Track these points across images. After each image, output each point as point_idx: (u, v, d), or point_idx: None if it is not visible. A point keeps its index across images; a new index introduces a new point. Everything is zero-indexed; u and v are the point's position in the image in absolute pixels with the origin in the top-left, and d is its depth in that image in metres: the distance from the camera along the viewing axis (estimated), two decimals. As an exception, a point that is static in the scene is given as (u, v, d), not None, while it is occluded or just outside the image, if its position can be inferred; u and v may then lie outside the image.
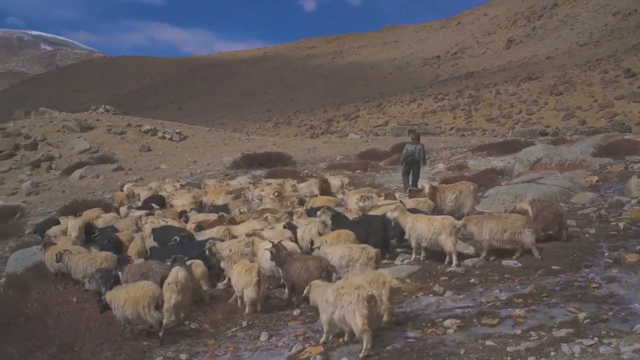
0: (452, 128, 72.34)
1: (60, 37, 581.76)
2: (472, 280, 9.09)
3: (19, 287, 12.43)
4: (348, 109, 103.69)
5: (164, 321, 8.51)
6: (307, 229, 11.68)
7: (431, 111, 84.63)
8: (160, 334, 8.44)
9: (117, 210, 19.85)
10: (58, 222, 18.12)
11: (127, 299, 8.52)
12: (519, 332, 6.81)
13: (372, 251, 9.11)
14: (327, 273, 8.63)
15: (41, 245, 13.71)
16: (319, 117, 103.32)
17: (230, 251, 10.57)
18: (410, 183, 19.62)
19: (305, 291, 7.78)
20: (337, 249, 9.40)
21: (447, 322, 7.35)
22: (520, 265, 9.58)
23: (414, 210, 11.75)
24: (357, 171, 25.62)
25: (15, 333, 9.10)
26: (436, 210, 13.01)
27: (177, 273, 9.04)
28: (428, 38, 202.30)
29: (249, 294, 8.77)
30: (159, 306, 8.43)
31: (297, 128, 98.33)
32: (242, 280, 8.89)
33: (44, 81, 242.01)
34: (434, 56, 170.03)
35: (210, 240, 11.15)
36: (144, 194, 23.07)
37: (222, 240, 11.64)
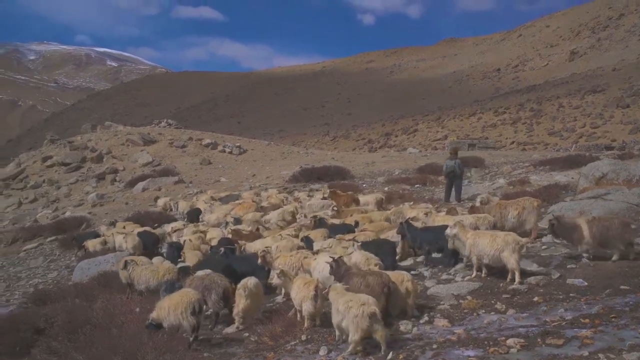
0: (512, 142, 70.95)
1: (125, 54, 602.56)
2: (535, 299, 8.87)
3: (85, 295, 12.84)
4: (406, 123, 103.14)
5: (236, 324, 9.34)
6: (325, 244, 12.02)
7: (491, 125, 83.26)
8: (191, 338, 8.81)
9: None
10: (98, 235, 18.92)
11: (169, 306, 8.93)
12: (586, 353, 6.58)
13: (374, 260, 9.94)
14: (389, 289, 8.58)
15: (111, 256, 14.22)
16: (377, 131, 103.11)
17: (287, 263, 10.80)
18: (452, 197, 19.59)
19: (325, 291, 8.47)
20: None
21: (510, 341, 7.18)
22: (586, 284, 9.30)
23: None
24: (416, 185, 25.46)
25: (82, 340, 9.37)
26: (497, 227, 12.80)
27: (247, 280, 9.65)
28: (488, 51, 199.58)
29: (307, 307, 8.82)
30: (195, 311, 8.80)
31: (355, 142, 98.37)
32: (300, 294, 8.96)
33: (110, 96, 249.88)
34: (494, 69, 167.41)
35: (265, 249, 11.42)
36: (182, 206, 24.19)
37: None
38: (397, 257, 12.32)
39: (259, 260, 11.33)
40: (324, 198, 20.53)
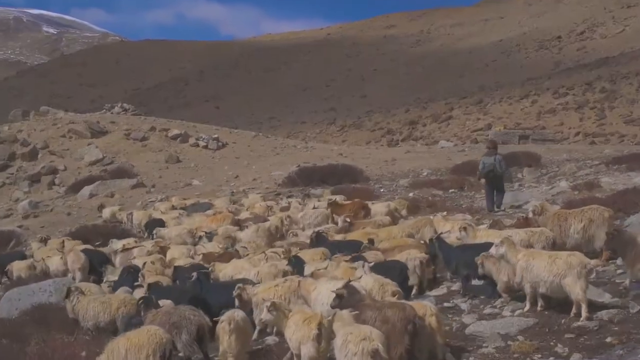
0: (578, 133, 70.87)
1: (67, 17, 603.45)
2: (608, 340, 8.87)
3: (14, 335, 12.82)
4: (438, 108, 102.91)
5: None
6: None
7: (549, 110, 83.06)
8: None
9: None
10: (24, 257, 18.95)
11: (128, 347, 8.85)
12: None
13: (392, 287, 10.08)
14: (414, 326, 8.57)
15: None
16: (399, 119, 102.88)
17: (274, 296, 10.81)
18: (495, 205, 19.63)
19: (328, 318, 8.74)
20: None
21: (575, 396, 7.21)
22: (675, 320, 9.30)
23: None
24: (451, 190, 25.48)
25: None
26: (556, 245, 12.79)
27: (234, 312, 9.84)
28: (545, 12, 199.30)
29: (308, 351, 8.75)
30: (165, 356, 8.78)
31: (370, 133, 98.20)
32: (298, 333, 8.89)
33: (46, 72, 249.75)
34: (553, 37, 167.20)
35: (240, 285, 11.40)
36: (138, 217, 24.30)
37: (252, 284, 12.01)
38: (416, 283, 12.41)
39: (236, 303, 11.28)
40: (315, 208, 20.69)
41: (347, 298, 9.44)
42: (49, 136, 49.21)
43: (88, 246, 19.34)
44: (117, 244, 19.35)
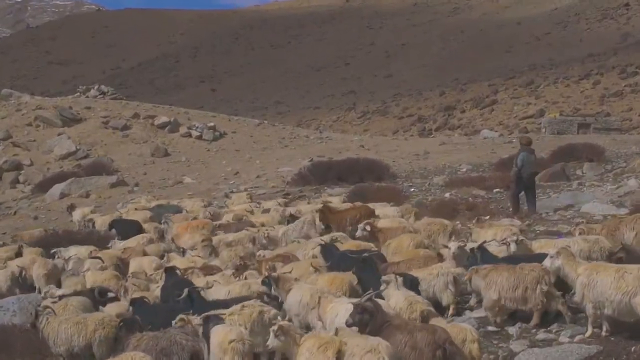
0: (650, 121, 70.69)
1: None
2: (688, 372, 8.82)
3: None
4: (479, 90, 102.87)
5: None
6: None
7: (615, 93, 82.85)
8: None
9: None
10: None
11: None
12: None
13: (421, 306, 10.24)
14: (445, 352, 8.57)
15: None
16: (432, 104, 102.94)
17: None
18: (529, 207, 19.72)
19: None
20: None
21: None
22: None
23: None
24: (495, 190, 25.40)
25: None
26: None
27: (242, 330, 9.93)
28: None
29: (324, 383, 8.77)
30: None
31: (397, 121, 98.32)
32: (313, 361, 8.91)
33: (8, 48, 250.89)
34: (620, 4, 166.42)
35: (182, 316, 11.37)
36: (100, 222, 24.54)
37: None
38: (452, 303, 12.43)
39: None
40: (292, 215, 20.75)
41: (369, 316, 9.36)
42: (12, 124, 49.43)
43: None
44: (67, 252, 19.31)
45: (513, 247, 13.52)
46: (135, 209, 26.26)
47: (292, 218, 20.60)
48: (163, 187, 36.26)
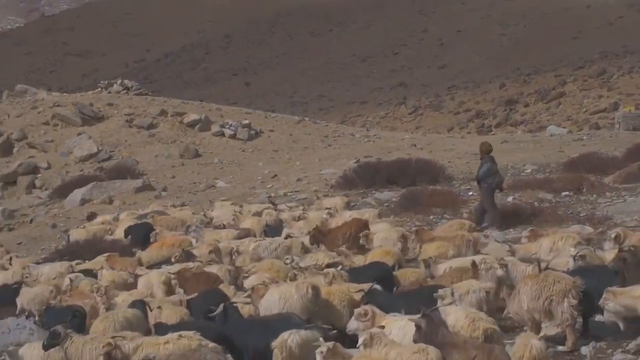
0: None
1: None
2: None
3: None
4: (544, 82, 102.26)
5: None
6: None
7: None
8: None
9: None
10: None
11: None
12: None
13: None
14: None
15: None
16: (491, 97, 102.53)
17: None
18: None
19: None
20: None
21: None
22: None
23: None
24: (564, 194, 25.31)
25: None
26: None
27: (288, 334, 10.40)
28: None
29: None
30: None
31: (452, 117, 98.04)
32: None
33: (23, 40, 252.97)
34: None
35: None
36: (78, 235, 25.23)
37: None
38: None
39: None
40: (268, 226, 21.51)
41: (428, 329, 9.46)
42: (27, 124, 49.92)
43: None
44: (36, 269, 19.94)
45: (571, 263, 13.45)
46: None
47: (270, 230, 21.25)
48: (193, 192, 36.45)
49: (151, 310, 12.79)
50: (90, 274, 18.10)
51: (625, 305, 10.75)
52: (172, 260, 18.27)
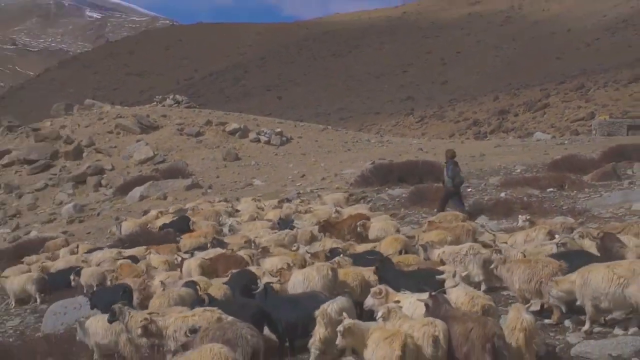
0: (698, 122, 69.37)
1: (112, 0, 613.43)
2: None
3: (61, 353, 13.09)
4: (532, 95, 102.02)
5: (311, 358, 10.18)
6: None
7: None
8: None
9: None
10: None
11: None
12: None
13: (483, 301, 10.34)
14: (493, 346, 8.71)
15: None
16: (486, 108, 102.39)
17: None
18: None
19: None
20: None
21: None
22: None
23: None
24: (549, 190, 25.14)
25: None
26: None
27: (328, 304, 10.67)
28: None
29: (390, 374, 8.74)
30: None
31: (453, 124, 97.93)
32: (379, 352, 8.86)
33: (90, 62, 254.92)
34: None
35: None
36: (128, 226, 25.74)
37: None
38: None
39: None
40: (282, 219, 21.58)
41: (434, 308, 9.59)
42: (95, 132, 50.26)
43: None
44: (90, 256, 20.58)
45: (555, 249, 13.40)
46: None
47: (282, 222, 21.24)
48: (234, 189, 36.52)
49: (201, 290, 12.72)
50: (135, 259, 18.41)
51: (566, 291, 10.69)
52: (209, 246, 18.41)
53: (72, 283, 18.27)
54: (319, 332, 10.50)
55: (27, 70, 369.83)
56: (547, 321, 11.23)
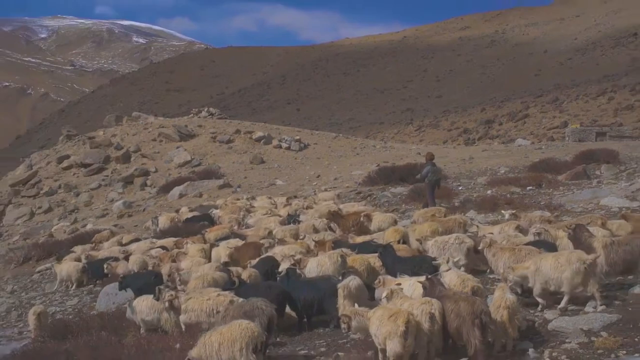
0: (656, 129, 68.91)
1: (155, 27, 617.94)
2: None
3: (113, 328, 13.19)
4: (514, 107, 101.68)
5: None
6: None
7: (627, 107, 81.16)
8: None
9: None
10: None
11: (221, 342, 9.04)
12: None
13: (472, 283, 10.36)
14: (481, 322, 8.75)
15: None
16: (475, 118, 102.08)
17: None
18: None
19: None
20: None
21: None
22: None
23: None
24: (529, 188, 25.05)
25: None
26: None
27: (349, 280, 10.95)
28: (622, 9, 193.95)
29: (393, 347, 8.66)
30: (257, 349, 8.96)
31: (446, 132, 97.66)
32: (383, 328, 8.80)
33: (137, 80, 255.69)
34: (629, 34, 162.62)
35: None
36: (163, 221, 26.33)
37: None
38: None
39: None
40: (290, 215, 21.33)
41: (430, 289, 9.71)
42: (141, 140, 50.44)
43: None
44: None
45: (532, 238, 13.44)
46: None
47: (289, 217, 21.14)
48: (260, 188, 36.51)
49: (233, 274, 12.77)
50: (165, 249, 18.88)
51: (521, 276, 10.81)
52: (232, 236, 18.60)
53: (105, 271, 18.59)
54: (340, 302, 10.79)
55: (83, 88, 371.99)
56: (527, 300, 11.20)
